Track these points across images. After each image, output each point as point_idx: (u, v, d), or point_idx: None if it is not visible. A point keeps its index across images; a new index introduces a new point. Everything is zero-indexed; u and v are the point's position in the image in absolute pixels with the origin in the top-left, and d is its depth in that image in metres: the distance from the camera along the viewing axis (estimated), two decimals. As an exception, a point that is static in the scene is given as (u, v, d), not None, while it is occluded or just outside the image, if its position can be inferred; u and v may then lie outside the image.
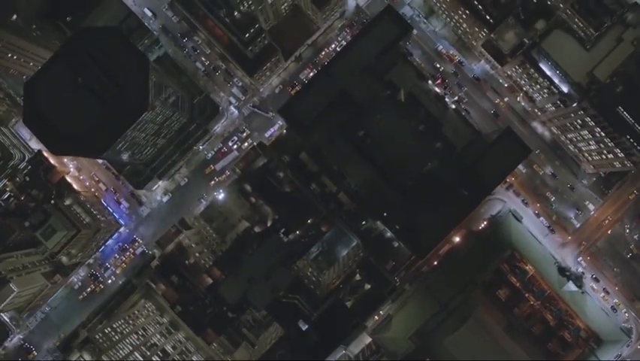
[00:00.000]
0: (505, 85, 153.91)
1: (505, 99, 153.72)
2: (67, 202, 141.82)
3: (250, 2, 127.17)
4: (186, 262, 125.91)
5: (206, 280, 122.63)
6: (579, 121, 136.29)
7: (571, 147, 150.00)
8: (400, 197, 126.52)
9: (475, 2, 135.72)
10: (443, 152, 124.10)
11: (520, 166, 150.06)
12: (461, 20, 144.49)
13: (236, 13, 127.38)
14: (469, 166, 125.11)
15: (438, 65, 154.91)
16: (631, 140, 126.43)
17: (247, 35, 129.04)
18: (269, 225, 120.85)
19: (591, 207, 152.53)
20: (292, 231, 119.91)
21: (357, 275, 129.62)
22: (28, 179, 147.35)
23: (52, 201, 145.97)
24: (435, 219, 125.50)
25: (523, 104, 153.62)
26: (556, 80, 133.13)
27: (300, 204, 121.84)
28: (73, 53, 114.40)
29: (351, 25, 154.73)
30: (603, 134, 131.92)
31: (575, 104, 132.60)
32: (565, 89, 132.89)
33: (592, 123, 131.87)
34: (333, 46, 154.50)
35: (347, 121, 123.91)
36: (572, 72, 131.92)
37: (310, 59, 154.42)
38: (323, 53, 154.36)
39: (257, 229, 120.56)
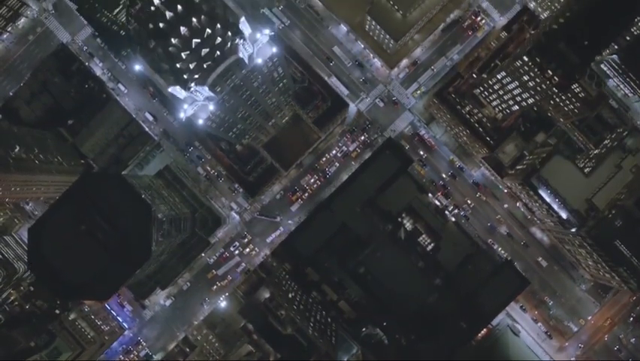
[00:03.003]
0: (505, 191, 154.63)
1: (505, 206, 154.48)
2: (72, 317, 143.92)
3: (252, 134, 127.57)
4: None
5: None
6: (577, 242, 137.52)
7: (569, 255, 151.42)
8: (399, 327, 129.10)
9: (476, 125, 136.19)
10: (442, 287, 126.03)
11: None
12: (462, 134, 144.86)
13: (237, 146, 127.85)
14: (468, 297, 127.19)
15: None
16: (628, 271, 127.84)
17: (249, 167, 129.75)
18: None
19: (589, 311, 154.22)
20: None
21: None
22: (32, 289, 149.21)
23: (57, 311, 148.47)
24: (434, 350, 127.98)
25: (522, 210, 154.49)
26: (554, 206, 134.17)
27: (301, 344, 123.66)
28: (75, 200, 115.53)
29: (351, 131, 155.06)
30: (600, 259, 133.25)
31: (573, 230, 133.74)
32: (563, 215, 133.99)
33: (589, 248, 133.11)
34: (334, 152, 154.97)
35: (347, 256, 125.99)
36: (570, 199, 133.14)
37: (311, 165, 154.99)
38: (324, 159, 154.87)
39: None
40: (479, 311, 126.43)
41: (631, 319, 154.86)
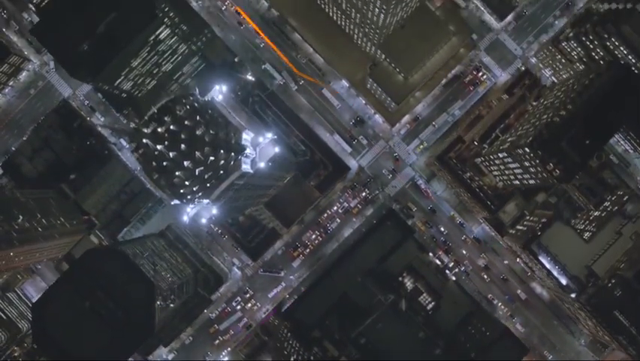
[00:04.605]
0: (505, 247, 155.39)
1: (505, 262, 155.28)
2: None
3: (253, 204, 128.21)
4: None
5: None
6: (577, 305, 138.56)
7: (569, 311, 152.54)
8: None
9: (477, 190, 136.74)
10: (443, 358, 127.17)
11: (518, 325, 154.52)
12: (462, 194, 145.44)
13: (240, 218, 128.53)
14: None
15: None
16: (627, 340, 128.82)
17: (250, 237, 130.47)
18: None
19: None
20: None
21: None
22: (35, 346, 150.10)
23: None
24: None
25: (522, 265, 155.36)
26: (554, 273, 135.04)
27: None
28: (78, 277, 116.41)
29: (353, 187, 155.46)
30: (599, 325, 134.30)
31: (572, 295, 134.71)
32: (563, 281, 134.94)
33: (589, 314, 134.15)
34: (335, 208, 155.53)
35: (349, 325, 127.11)
36: (570, 265, 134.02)
37: (312, 221, 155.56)
38: (325, 215, 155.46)
39: None
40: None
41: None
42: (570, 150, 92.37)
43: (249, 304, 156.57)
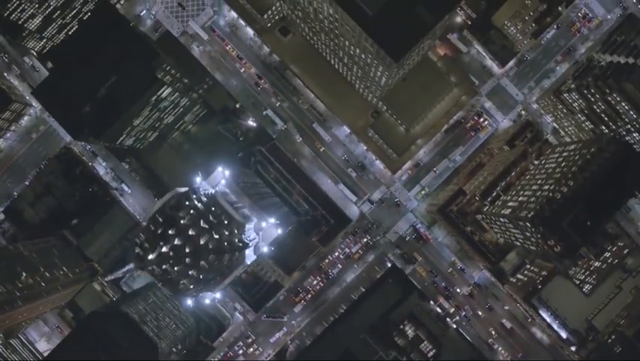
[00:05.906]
0: (505, 293, 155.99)
1: (506, 308, 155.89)
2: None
3: (259, 265, 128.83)
4: None
5: None
6: (577, 356, 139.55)
7: (568, 357, 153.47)
8: None
9: (478, 243, 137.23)
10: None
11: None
12: (463, 244, 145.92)
13: (243, 275, 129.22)
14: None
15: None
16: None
17: (252, 292, 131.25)
18: None
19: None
20: None
21: None
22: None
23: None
24: None
25: (522, 310, 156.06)
26: (554, 326, 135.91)
27: None
28: (84, 338, 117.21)
29: (354, 233, 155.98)
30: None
31: (573, 348, 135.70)
32: (563, 335, 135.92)
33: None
34: (336, 253, 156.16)
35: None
36: (570, 319, 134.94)
37: (314, 267, 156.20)
38: (326, 261, 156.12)
39: None
40: None
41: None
42: (571, 230, 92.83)
43: (251, 349, 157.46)
